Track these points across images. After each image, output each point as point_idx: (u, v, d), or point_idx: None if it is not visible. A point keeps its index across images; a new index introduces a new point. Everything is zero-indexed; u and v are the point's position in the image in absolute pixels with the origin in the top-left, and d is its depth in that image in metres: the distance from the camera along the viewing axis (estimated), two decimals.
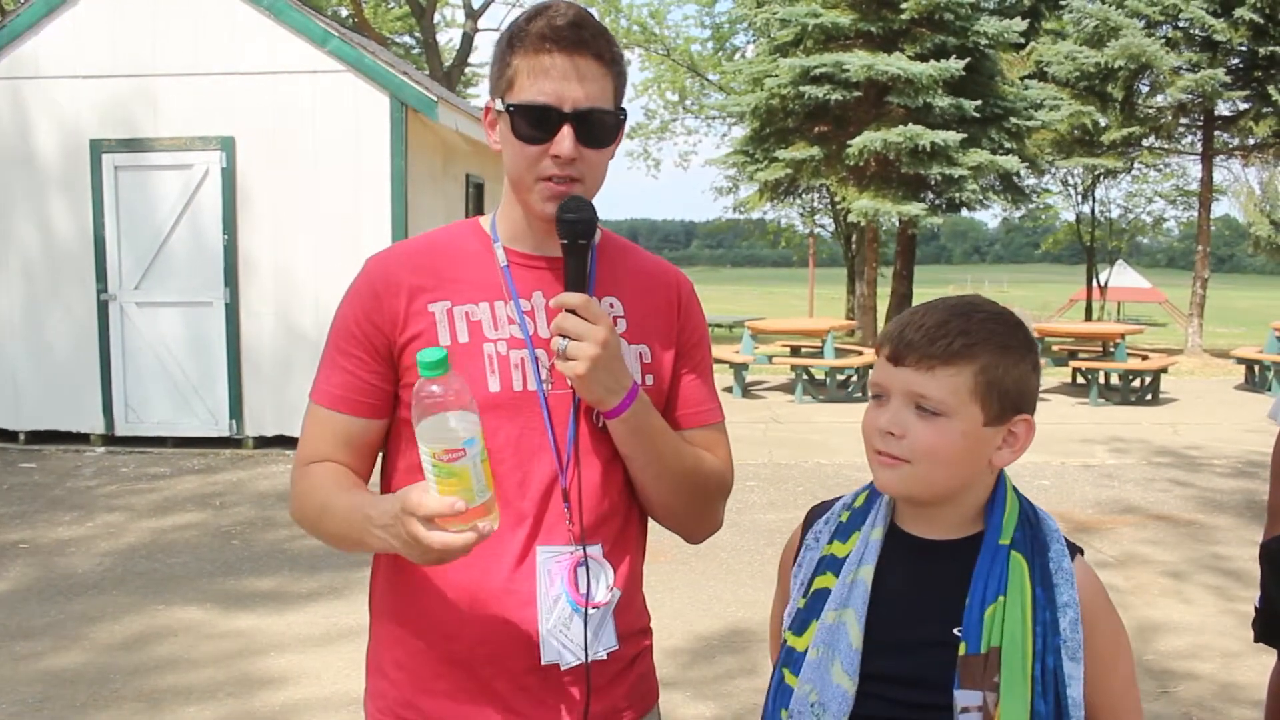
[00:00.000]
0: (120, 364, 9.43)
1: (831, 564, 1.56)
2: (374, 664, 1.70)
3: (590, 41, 1.53)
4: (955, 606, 1.43)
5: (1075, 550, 1.50)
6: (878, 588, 1.50)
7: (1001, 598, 1.41)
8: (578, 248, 1.52)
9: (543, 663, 1.57)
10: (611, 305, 1.66)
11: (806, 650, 1.51)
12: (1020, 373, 1.45)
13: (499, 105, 1.56)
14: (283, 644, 4.99)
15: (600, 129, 1.55)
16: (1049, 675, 1.39)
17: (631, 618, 1.69)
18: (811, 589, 1.56)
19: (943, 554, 1.50)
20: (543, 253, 1.64)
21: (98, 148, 9.24)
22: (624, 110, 1.59)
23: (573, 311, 1.49)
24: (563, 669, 1.58)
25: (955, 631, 1.42)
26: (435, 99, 9.25)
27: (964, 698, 1.39)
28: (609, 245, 1.72)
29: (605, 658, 1.62)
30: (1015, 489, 1.53)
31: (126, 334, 9.41)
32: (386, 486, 1.69)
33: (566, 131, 1.52)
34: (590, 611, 1.58)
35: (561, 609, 1.57)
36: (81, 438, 9.58)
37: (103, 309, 9.39)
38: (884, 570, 1.51)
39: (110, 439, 9.54)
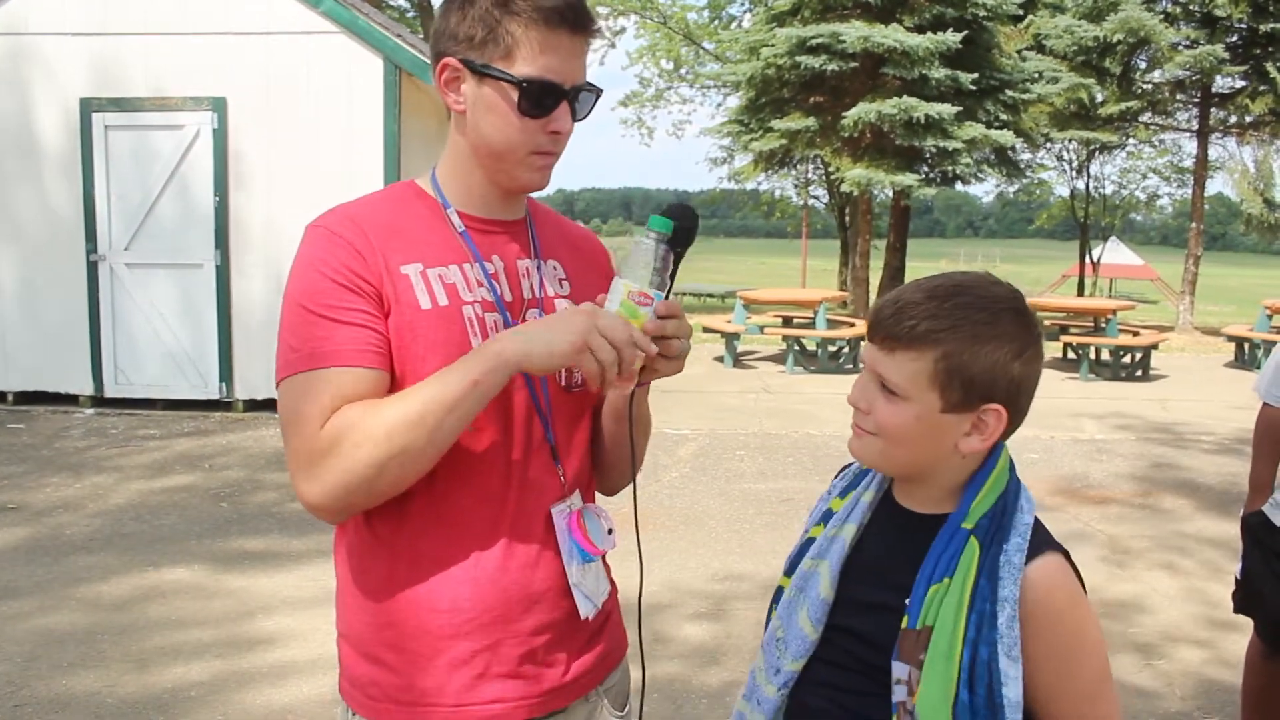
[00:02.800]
0: (110, 325, 9.39)
1: (827, 517, 1.63)
2: (359, 652, 1.61)
3: (592, 22, 1.54)
4: (914, 578, 1.45)
5: (1051, 549, 1.45)
6: (859, 548, 1.55)
7: (947, 579, 1.41)
8: (675, 255, 1.52)
9: (582, 616, 1.64)
10: (555, 268, 1.70)
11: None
12: (992, 362, 1.41)
13: (482, 69, 1.52)
14: (271, 605, 5.01)
15: (586, 104, 1.59)
16: (980, 666, 1.37)
17: (606, 567, 1.76)
18: (806, 536, 1.63)
19: (919, 526, 1.51)
20: (496, 216, 1.64)
21: (88, 106, 9.17)
22: (601, 88, 1.61)
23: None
24: (590, 620, 1.66)
25: (906, 602, 1.44)
26: (430, 62, 9.17)
27: (899, 669, 1.42)
28: (539, 212, 1.75)
29: (601, 606, 1.70)
30: (1012, 473, 1.51)
31: (116, 295, 9.37)
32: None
33: (566, 108, 1.54)
34: (601, 559, 1.69)
35: (576, 561, 1.63)
36: (70, 399, 9.55)
37: (92, 270, 9.34)
38: (869, 532, 1.56)
39: (99, 400, 9.52)
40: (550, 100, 1.52)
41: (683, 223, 1.49)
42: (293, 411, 1.47)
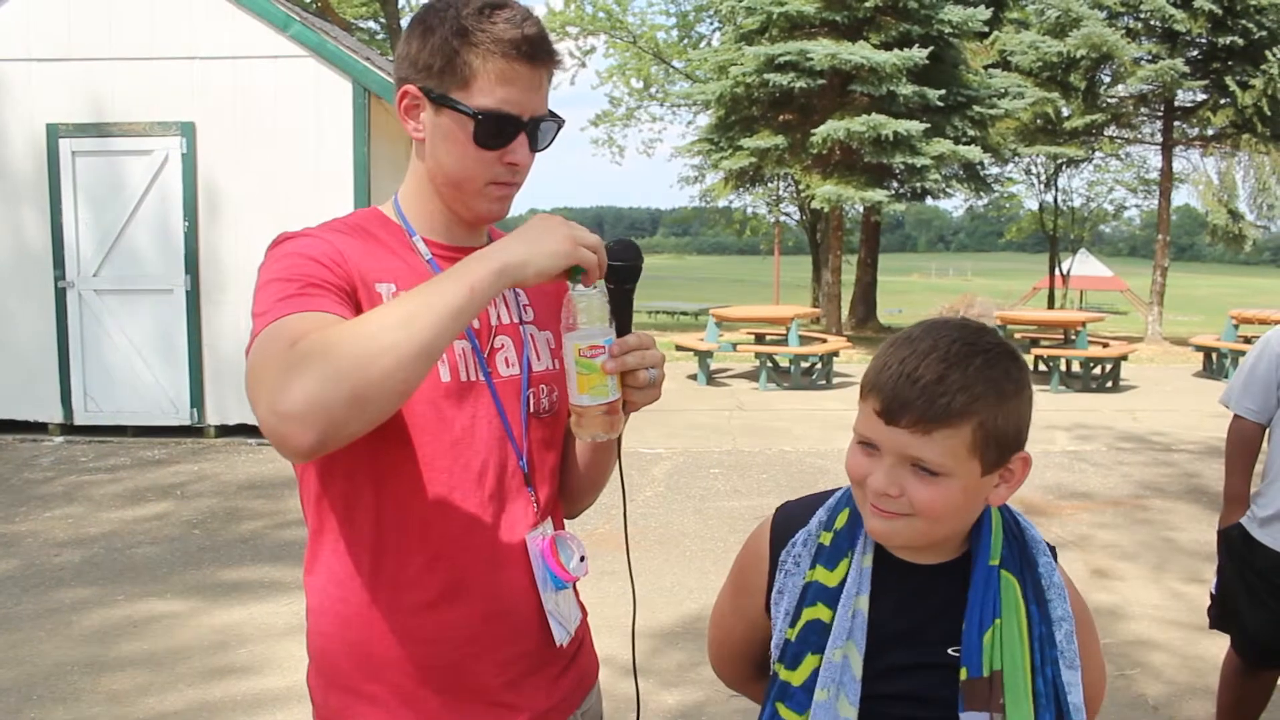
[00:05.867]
0: (79, 352, 9.31)
1: (821, 593, 1.51)
2: (335, 684, 1.59)
3: (553, 54, 1.54)
4: (947, 626, 1.44)
5: (1053, 552, 1.52)
6: (870, 613, 1.49)
7: (998, 620, 1.41)
8: (624, 293, 1.51)
9: (556, 643, 1.63)
10: (518, 295, 1.70)
11: (802, 685, 1.49)
12: (1017, 415, 1.41)
13: (440, 98, 1.51)
14: (246, 635, 4.96)
15: (547, 135, 1.58)
16: (1049, 687, 1.41)
17: (576, 594, 1.75)
18: (801, 620, 1.51)
19: (932, 577, 1.49)
20: (460, 243, 1.64)
21: (55, 132, 9.11)
22: (563, 119, 1.60)
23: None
24: (564, 646, 1.66)
25: (950, 651, 1.43)
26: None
27: (972, 718, 1.41)
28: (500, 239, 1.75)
29: (574, 633, 1.69)
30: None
31: (85, 322, 9.29)
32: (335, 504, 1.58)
33: (523, 139, 1.53)
34: (573, 586, 1.68)
35: (550, 588, 1.62)
36: (39, 427, 9.45)
37: (61, 296, 9.27)
38: (875, 594, 1.49)
39: (69, 428, 9.42)
40: (507, 132, 1.52)
41: (626, 259, 1.49)
42: (260, 352, 1.30)
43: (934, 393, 1.34)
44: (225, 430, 9.41)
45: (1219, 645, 3.67)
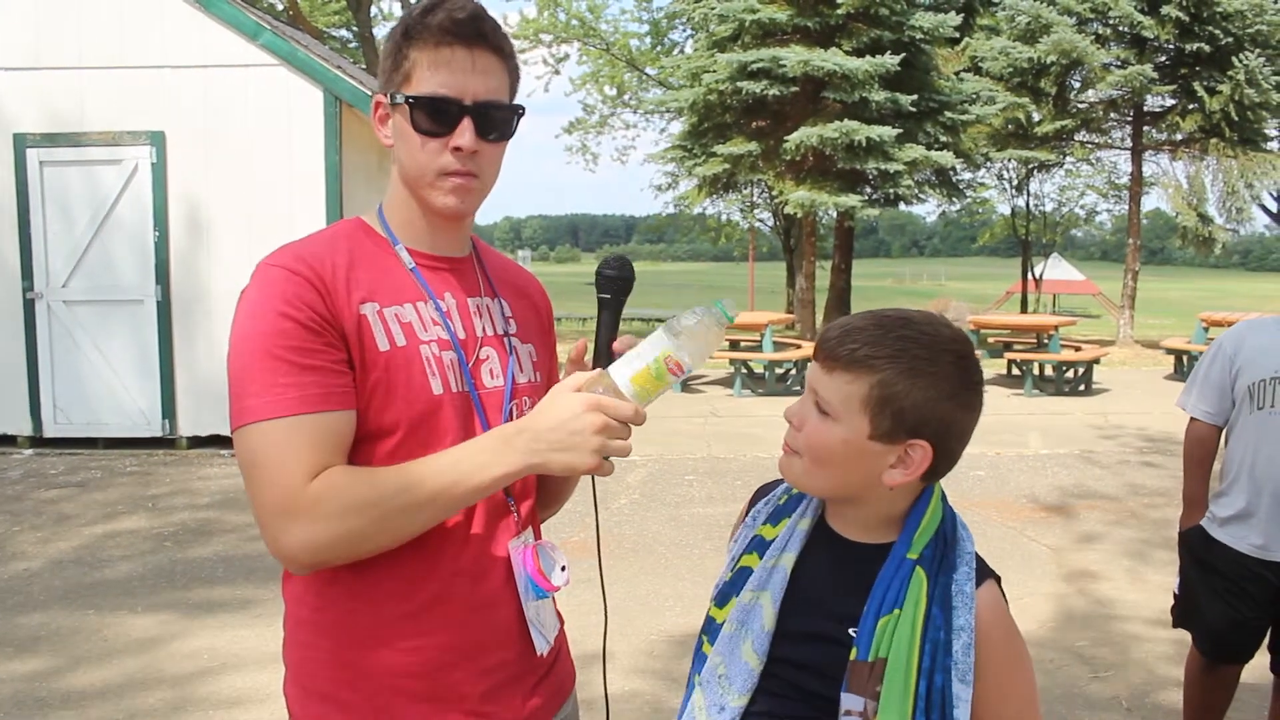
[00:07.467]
0: (48, 363, 9.23)
1: (759, 545, 1.60)
2: (310, 692, 1.57)
3: (490, 35, 1.53)
4: (855, 607, 1.46)
5: (989, 575, 1.51)
6: (795, 576, 1.54)
7: (896, 610, 1.43)
8: (616, 303, 1.54)
9: (537, 653, 1.64)
10: (503, 306, 1.70)
11: (722, 623, 1.57)
12: (926, 398, 1.44)
13: (393, 98, 1.54)
14: (220, 652, 4.91)
15: (499, 122, 1.56)
16: (935, 693, 1.41)
17: (554, 601, 1.75)
18: (738, 565, 1.61)
19: (857, 555, 1.53)
20: (444, 253, 1.64)
21: (22, 142, 9.04)
22: (522, 106, 1.59)
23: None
24: (544, 656, 1.66)
25: (850, 632, 1.45)
26: (370, 94, 9.15)
27: (848, 700, 1.42)
28: (485, 251, 1.76)
29: (553, 642, 1.70)
30: (945, 503, 1.54)
31: (54, 333, 9.21)
32: None
33: (467, 124, 1.51)
34: (552, 596, 1.68)
35: (531, 597, 1.62)
36: (8, 440, 9.36)
37: (29, 307, 9.19)
38: (804, 560, 1.55)
39: (38, 440, 9.33)
40: (445, 116, 1.51)
41: (622, 273, 1.53)
42: (265, 458, 1.41)
43: (845, 338, 1.47)
44: (198, 441, 9.34)
45: (1186, 646, 3.69)
